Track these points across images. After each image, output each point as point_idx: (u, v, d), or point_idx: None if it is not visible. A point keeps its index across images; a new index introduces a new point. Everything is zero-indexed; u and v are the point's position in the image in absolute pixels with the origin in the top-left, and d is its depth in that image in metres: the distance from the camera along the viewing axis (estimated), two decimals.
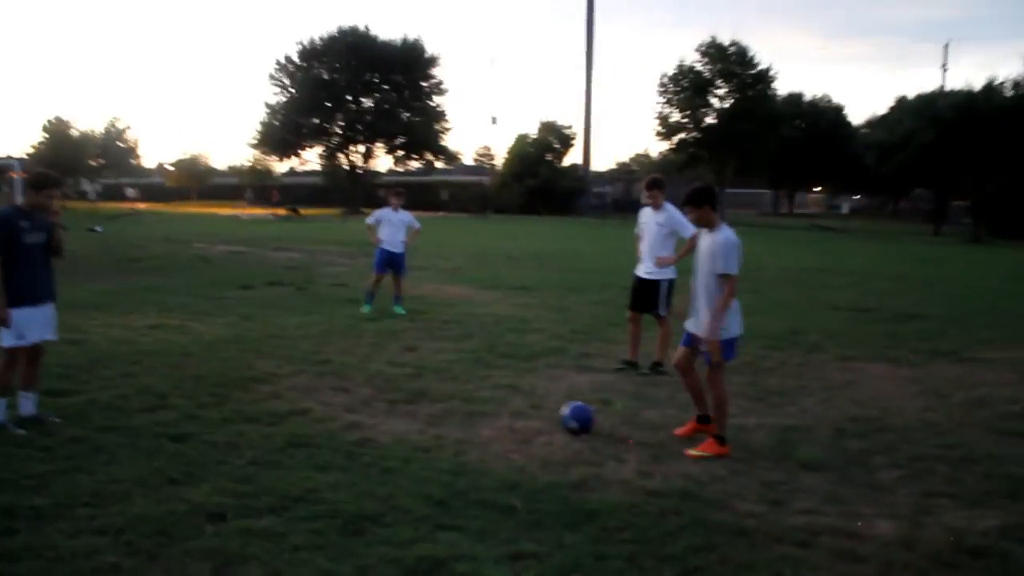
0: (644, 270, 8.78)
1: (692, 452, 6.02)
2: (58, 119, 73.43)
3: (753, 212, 79.83)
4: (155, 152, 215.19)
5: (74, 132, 73.77)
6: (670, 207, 8.56)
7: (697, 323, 6.28)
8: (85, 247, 22.45)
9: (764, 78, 57.94)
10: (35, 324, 6.11)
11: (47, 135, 72.80)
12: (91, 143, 75.03)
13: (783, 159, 66.90)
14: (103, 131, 77.78)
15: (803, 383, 8.37)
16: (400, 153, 71.23)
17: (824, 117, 73.78)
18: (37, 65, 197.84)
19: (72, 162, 70.85)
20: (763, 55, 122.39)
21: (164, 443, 5.84)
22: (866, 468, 5.81)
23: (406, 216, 12.50)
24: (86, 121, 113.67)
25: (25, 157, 64.46)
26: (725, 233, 6.09)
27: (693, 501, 5.05)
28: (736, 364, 8.97)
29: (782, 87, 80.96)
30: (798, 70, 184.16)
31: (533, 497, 5.02)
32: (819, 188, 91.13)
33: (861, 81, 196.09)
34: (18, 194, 32.02)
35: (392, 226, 12.36)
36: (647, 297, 8.68)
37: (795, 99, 72.16)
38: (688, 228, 8.02)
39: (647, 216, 8.74)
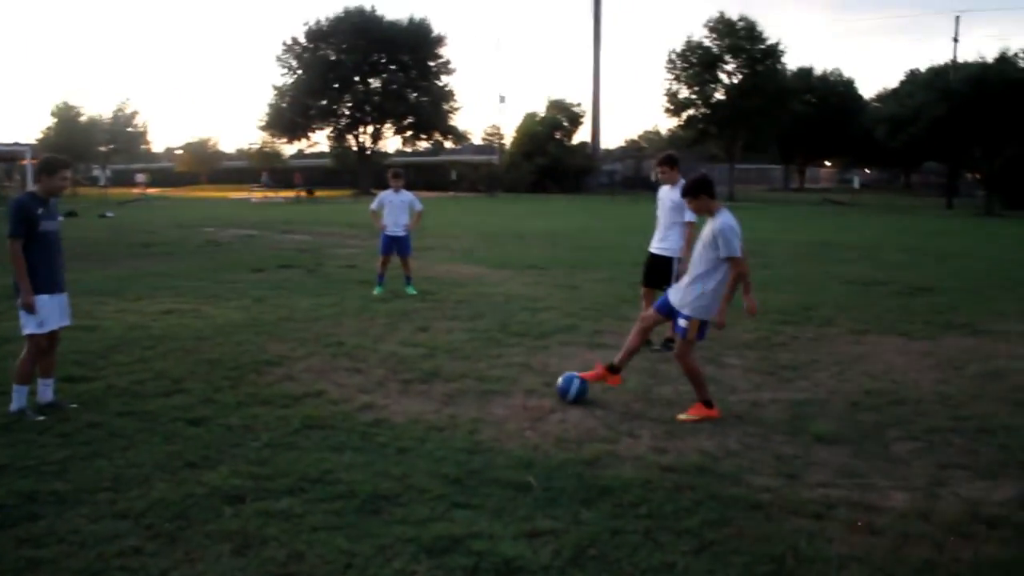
0: (657, 246, 8.77)
1: (682, 416, 6.29)
2: (66, 104, 73.37)
3: (764, 187, 79.61)
4: (164, 137, 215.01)
5: (83, 118, 73.69)
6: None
7: (678, 294, 6.48)
8: (97, 233, 22.54)
9: (773, 53, 57.65)
10: (54, 312, 6.15)
11: (56, 120, 72.78)
12: (100, 128, 74.98)
13: (793, 134, 66.79)
14: (111, 116, 77.75)
15: (816, 357, 8.36)
16: (408, 133, 71.24)
17: (834, 91, 73.48)
18: (44, 50, 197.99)
19: (82, 148, 70.83)
20: (772, 30, 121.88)
21: (181, 427, 5.89)
22: (881, 441, 5.81)
23: (407, 196, 12.46)
24: (94, 106, 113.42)
25: (35, 143, 64.52)
26: (723, 218, 6.26)
27: (708, 476, 5.07)
28: (749, 339, 9.03)
29: (792, 62, 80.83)
30: (808, 43, 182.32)
31: (548, 474, 5.04)
32: (829, 162, 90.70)
33: (872, 54, 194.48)
34: (30, 181, 32.14)
35: (394, 208, 12.32)
36: (660, 273, 8.66)
37: (805, 73, 71.85)
38: (688, 212, 8.05)
39: (664, 192, 8.71)
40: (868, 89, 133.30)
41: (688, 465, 5.23)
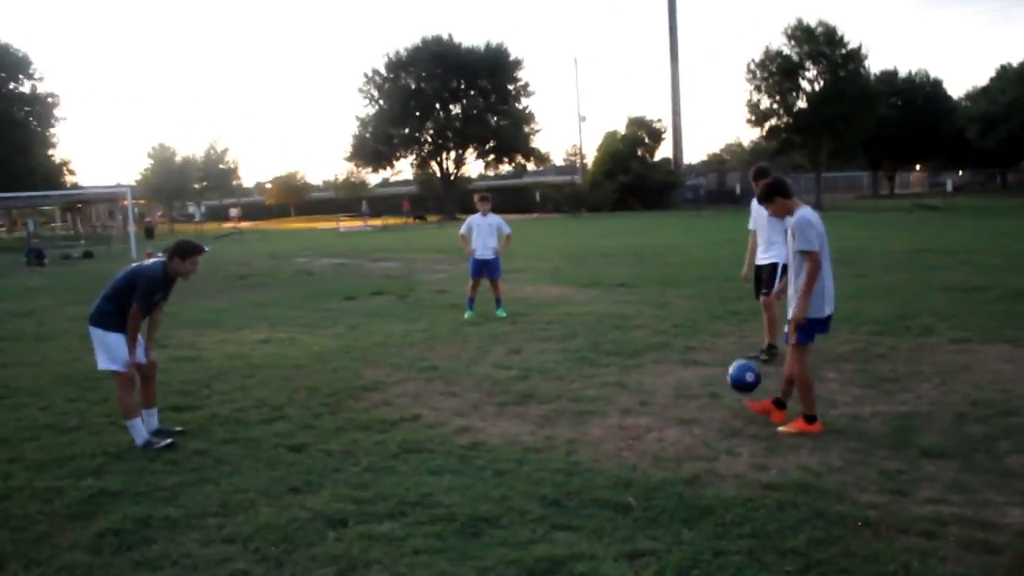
0: (761, 256, 8.71)
1: (782, 428, 6.16)
2: (162, 145, 76.18)
3: (852, 195, 77.84)
4: (254, 171, 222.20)
5: (178, 158, 76.37)
6: None
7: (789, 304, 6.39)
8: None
9: (855, 57, 56.37)
10: (139, 348, 6.44)
11: (152, 162, 75.61)
12: (194, 167, 77.62)
13: (880, 139, 65.09)
14: (204, 155, 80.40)
15: (917, 368, 8.11)
16: (491, 157, 71.89)
17: (921, 93, 71.49)
18: (139, 94, 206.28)
19: (177, 186, 73.62)
20: (854, 32, 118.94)
21: (283, 453, 6.03)
22: (992, 454, 5.59)
23: (495, 219, 12.56)
24: (188, 146, 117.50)
25: (134, 184, 67.09)
26: (800, 213, 6.22)
27: (811, 493, 4.95)
28: (846, 351, 8.81)
29: (875, 64, 79.05)
30: (891, 44, 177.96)
31: (647, 494, 5.00)
32: (920, 166, 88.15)
33: (959, 52, 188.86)
34: (131, 221, 33.46)
35: (482, 231, 12.41)
36: (764, 281, 8.63)
37: (890, 76, 70.31)
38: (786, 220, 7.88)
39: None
40: (957, 88, 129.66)
41: (790, 482, 5.13)
